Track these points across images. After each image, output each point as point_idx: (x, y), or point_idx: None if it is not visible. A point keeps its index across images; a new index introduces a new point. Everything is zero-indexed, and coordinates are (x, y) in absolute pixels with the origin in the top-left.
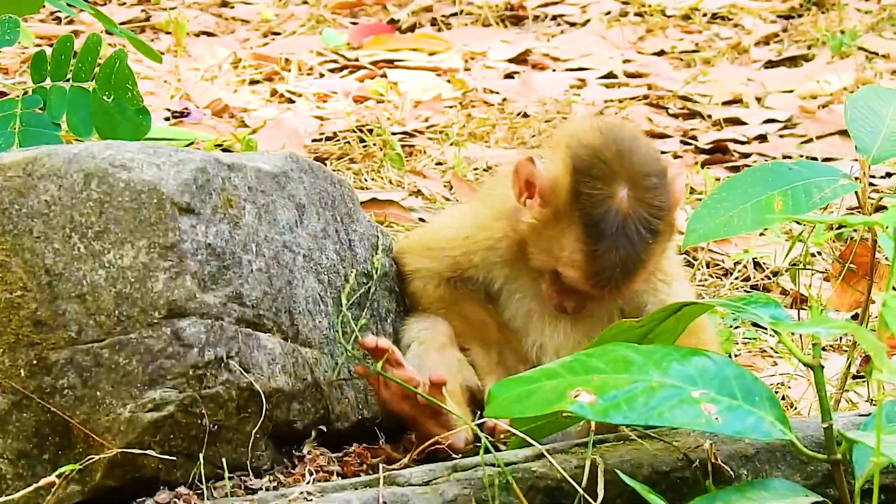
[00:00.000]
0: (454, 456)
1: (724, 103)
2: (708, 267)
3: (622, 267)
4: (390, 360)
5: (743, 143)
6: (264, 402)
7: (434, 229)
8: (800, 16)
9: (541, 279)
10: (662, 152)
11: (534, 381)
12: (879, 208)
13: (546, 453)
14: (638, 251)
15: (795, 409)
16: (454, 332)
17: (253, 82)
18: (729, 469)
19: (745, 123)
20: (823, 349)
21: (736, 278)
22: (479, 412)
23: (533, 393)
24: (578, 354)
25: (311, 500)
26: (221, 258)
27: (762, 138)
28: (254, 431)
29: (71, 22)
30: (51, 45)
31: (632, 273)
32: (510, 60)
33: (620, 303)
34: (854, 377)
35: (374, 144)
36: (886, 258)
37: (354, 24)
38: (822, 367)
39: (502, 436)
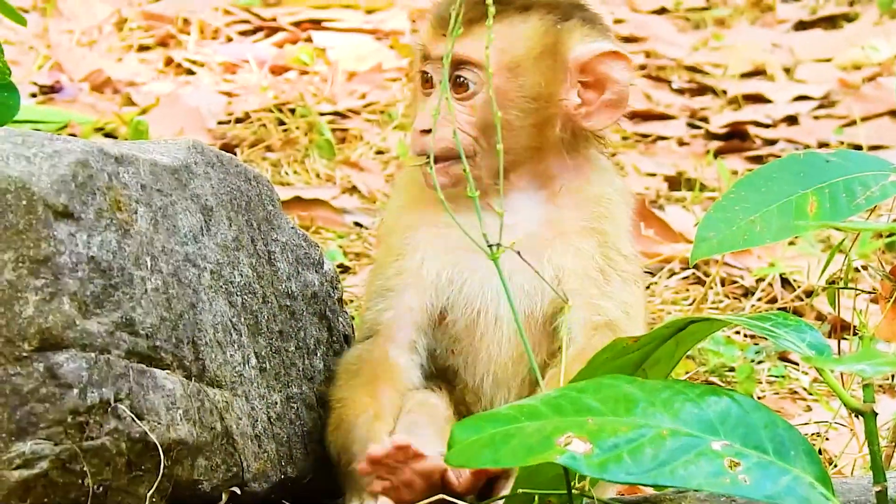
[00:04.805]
0: None
1: (743, 75)
2: (723, 285)
3: None
4: (408, 455)
5: (767, 126)
6: (162, 456)
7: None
8: None
9: None
10: (664, 137)
11: (510, 421)
12: None
13: None
14: None
15: (835, 465)
16: None
17: (142, 48)
18: None
19: (769, 101)
20: None
21: (759, 299)
22: None
23: (511, 436)
24: (567, 388)
25: None
26: (108, 275)
27: (791, 120)
28: (149, 494)
29: None
30: None
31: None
32: None
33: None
34: None
35: (298, 128)
36: None
37: None
38: (876, 413)
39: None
